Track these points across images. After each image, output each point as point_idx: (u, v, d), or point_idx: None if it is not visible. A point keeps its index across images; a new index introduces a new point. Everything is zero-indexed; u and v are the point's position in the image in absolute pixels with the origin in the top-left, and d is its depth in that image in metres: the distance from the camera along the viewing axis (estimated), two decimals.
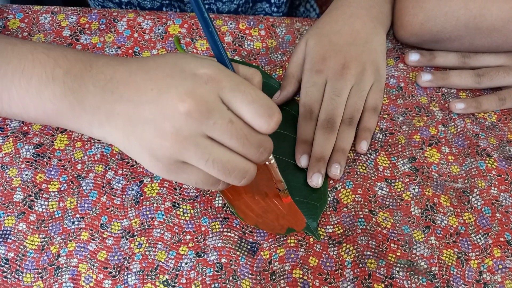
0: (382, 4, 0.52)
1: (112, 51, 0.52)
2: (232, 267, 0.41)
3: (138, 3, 0.60)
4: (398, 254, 0.42)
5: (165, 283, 0.41)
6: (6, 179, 0.45)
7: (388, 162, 0.46)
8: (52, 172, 0.45)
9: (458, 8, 0.47)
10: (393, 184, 0.45)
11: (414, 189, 0.45)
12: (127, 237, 0.43)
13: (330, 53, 0.48)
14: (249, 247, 0.42)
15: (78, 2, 0.75)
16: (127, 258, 0.42)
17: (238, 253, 0.42)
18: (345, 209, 0.44)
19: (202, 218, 0.43)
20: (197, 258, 0.42)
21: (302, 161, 0.45)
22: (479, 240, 0.43)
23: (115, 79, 0.35)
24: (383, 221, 0.43)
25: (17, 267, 0.41)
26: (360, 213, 0.44)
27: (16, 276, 0.41)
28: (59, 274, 0.41)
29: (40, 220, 0.43)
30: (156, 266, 0.41)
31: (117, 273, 0.41)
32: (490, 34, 0.48)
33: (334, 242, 0.42)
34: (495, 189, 0.45)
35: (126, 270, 0.41)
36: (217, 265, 0.41)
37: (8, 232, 0.43)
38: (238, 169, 0.34)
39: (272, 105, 0.34)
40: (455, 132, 0.48)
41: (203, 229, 0.43)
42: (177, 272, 0.41)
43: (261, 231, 0.43)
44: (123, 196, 0.44)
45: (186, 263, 0.41)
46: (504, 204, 0.44)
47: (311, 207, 0.43)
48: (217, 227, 0.43)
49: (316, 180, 0.44)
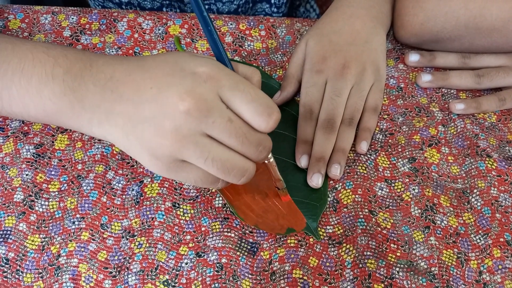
0: (382, 4, 0.52)
1: (113, 52, 0.52)
2: (232, 267, 0.41)
3: (138, 4, 0.60)
4: (398, 254, 0.42)
5: (165, 283, 0.41)
6: (7, 179, 0.45)
7: (388, 163, 0.46)
8: (53, 172, 0.45)
9: (458, 8, 0.47)
10: (393, 185, 0.45)
11: (414, 190, 0.45)
12: (127, 237, 0.43)
13: (330, 53, 0.48)
14: (249, 247, 0.42)
15: (79, 3, 0.75)
16: (127, 258, 0.42)
17: (238, 253, 0.42)
18: (345, 209, 0.44)
19: (202, 218, 0.43)
20: (197, 258, 0.42)
21: (302, 161, 0.45)
22: (479, 241, 0.43)
23: (115, 78, 0.35)
24: (383, 222, 0.43)
25: (18, 267, 0.41)
26: (360, 214, 0.44)
27: (17, 276, 0.41)
28: (60, 274, 0.41)
29: (41, 220, 0.43)
30: (156, 266, 0.41)
31: (117, 273, 0.41)
32: (490, 34, 0.48)
33: (334, 242, 0.42)
34: (495, 190, 0.45)
35: (126, 270, 0.41)
36: (217, 265, 0.41)
37: (9, 232, 0.43)
38: (237, 168, 0.34)
39: (271, 104, 0.34)
40: (455, 133, 0.48)
41: (203, 229, 0.43)
42: (177, 272, 0.41)
43: (261, 231, 0.43)
44: (124, 196, 0.44)
45: (186, 263, 0.42)
46: (504, 205, 0.44)
47: (311, 207, 0.43)
48: (217, 227, 0.43)
49: (316, 180, 0.44)
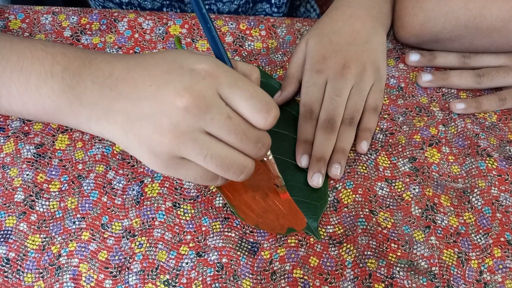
0: (382, 4, 0.52)
1: (113, 52, 0.52)
2: (233, 267, 0.41)
3: (139, 4, 0.60)
4: (399, 254, 0.42)
5: (166, 283, 0.41)
6: (7, 179, 0.45)
7: (389, 162, 0.46)
8: (53, 172, 0.45)
9: (458, 8, 0.47)
10: (394, 184, 0.45)
11: (415, 189, 0.45)
12: (128, 237, 0.43)
13: (331, 53, 0.48)
14: (250, 247, 0.42)
15: (79, 3, 0.75)
16: (128, 258, 0.42)
17: (239, 253, 0.42)
18: (346, 209, 0.44)
19: (203, 218, 0.43)
20: (198, 258, 0.42)
21: (303, 161, 0.45)
22: (480, 240, 0.43)
23: (114, 76, 0.35)
24: (384, 221, 0.43)
25: (18, 267, 0.41)
26: (361, 213, 0.44)
27: (17, 276, 0.41)
28: (60, 274, 0.41)
29: (41, 220, 0.43)
30: (157, 266, 0.41)
31: (118, 273, 0.41)
32: (490, 34, 0.48)
33: (335, 242, 0.42)
34: (496, 189, 0.45)
35: (127, 270, 0.41)
36: (218, 265, 0.41)
37: (9, 232, 0.43)
38: (236, 165, 0.34)
39: (270, 101, 0.34)
40: (456, 132, 0.48)
41: (204, 229, 0.43)
42: (178, 272, 0.41)
43: (262, 231, 0.43)
44: (124, 196, 0.44)
45: (187, 263, 0.42)
46: (505, 204, 0.44)
47: (312, 207, 0.43)
48: (218, 227, 0.43)
49: (317, 180, 0.44)
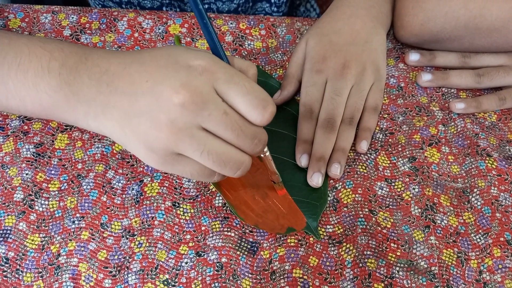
0: (382, 4, 0.52)
1: None
2: (232, 267, 0.41)
3: (138, 3, 0.60)
4: (398, 254, 0.42)
5: (165, 283, 0.41)
6: (7, 179, 0.45)
7: (388, 162, 0.46)
8: (53, 172, 0.45)
9: (458, 8, 0.47)
10: (393, 184, 0.45)
11: (414, 189, 0.45)
12: (127, 237, 0.43)
13: (330, 53, 0.48)
14: (249, 247, 0.42)
15: (79, 2, 0.75)
16: (127, 258, 0.42)
17: (238, 253, 0.42)
18: (345, 209, 0.44)
19: (202, 218, 0.43)
20: (197, 258, 0.42)
21: (302, 161, 0.45)
22: (479, 240, 0.43)
23: (110, 72, 0.35)
24: (383, 221, 0.43)
25: (17, 267, 0.41)
26: (360, 213, 0.44)
27: (16, 276, 0.41)
28: (59, 274, 0.41)
29: (40, 220, 0.43)
30: (156, 266, 0.41)
31: (117, 273, 0.41)
32: (490, 34, 0.48)
33: (334, 242, 0.42)
34: (495, 189, 0.45)
35: (126, 270, 0.41)
36: (217, 265, 0.41)
37: (8, 232, 0.43)
38: (233, 161, 0.34)
39: (267, 97, 0.34)
40: (455, 132, 0.48)
41: (203, 229, 0.43)
42: (177, 272, 0.41)
43: (261, 231, 0.43)
44: (124, 196, 0.44)
45: (186, 263, 0.42)
46: (504, 204, 0.44)
47: (311, 207, 0.43)
48: (217, 227, 0.43)
49: (316, 180, 0.44)
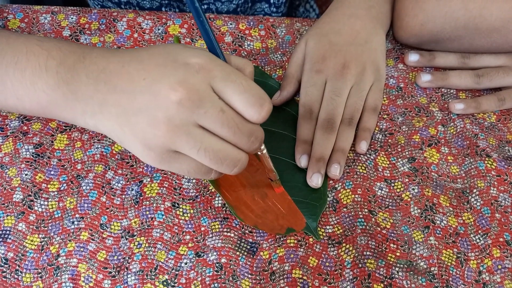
0: (382, 5, 0.52)
1: None
2: (232, 267, 0.41)
3: (137, 3, 0.60)
4: (398, 254, 0.42)
5: (165, 283, 0.41)
6: (6, 179, 0.45)
7: (388, 162, 0.46)
8: (52, 172, 0.45)
9: (458, 9, 0.47)
10: (393, 184, 0.45)
11: (414, 189, 0.45)
12: (127, 237, 0.43)
13: (330, 53, 0.48)
14: (249, 247, 0.42)
15: (78, 2, 0.75)
16: (127, 258, 0.42)
17: (238, 253, 0.42)
18: (345, 209, 0.44)
19: (202, 218, 0.43)
20: (197, 258, 0.42)
21: (302, 161, 0.45)
22: (479, 240, 0.43)
23: (108, 70, 0.35)
24: (383, 221, 0.43)
25: (17, 267, 0.41)
26: (360, 213, 0.44)
27: (16, 276, 0.41)
28: (59, 274, 0.41)
29: (40, 220, 0.43)
30: (156, 266, 0.41)
31: (117, 273, 0.41)
32: (490, 35, 0.48)
33: (334, 242, 0.42)
34: (495, 190, 0.45)
35: (126, 270, 0.41)
36: (217, 265, 0.41)
37: (8, 232, 0.43)
38: (230, 158, 0.34)
39: (263, 95, 0.34)
40: (455, 133, 0.48)
41: (203, 229, 0.43)
42: (177, 272, 0.41)
43: (261, 231, 0.43)
44: (123, 196, 0.44)
45: (186, 263, 0.41)
46: (504, 204, 0.44)
47: (311, 207, 0.43)
48: (217, 227, 0.43)
49: (316, 180, 0.44)
